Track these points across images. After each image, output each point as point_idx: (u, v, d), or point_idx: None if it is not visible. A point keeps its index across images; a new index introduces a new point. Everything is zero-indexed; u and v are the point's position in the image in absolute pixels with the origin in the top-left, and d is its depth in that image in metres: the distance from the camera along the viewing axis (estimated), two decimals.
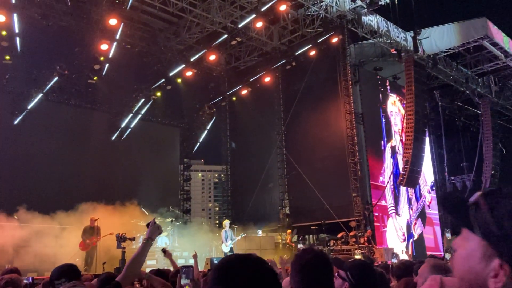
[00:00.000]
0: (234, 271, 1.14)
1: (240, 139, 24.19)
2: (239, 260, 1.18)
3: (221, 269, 1.16)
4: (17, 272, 4.91)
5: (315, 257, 1.84)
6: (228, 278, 1.13)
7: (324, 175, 19.16)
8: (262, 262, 1.18)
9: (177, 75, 20.56)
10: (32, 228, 13.01)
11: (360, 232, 17.01)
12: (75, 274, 3.50)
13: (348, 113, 18.59)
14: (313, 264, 1.81)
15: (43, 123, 18.29)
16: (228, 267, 1.16)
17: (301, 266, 1.81)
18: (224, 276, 1.14)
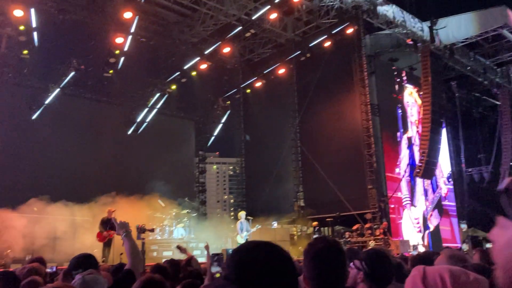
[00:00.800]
0: (250, 256, 1.14)
1: (254, 131, 24.18)
2: (254, 245, 1.19)
3: (237, 253, 1.17)
4: (41, 261, 5.01)
5: (328, 246, 1.84)
6: (244, 263, 1.14)
7: (339, 167, 19.07)
8: (278, 248, 1.19)
9: (192, 68, 20.64)
10: (51, 219, 13.25)
11: (376, 224, 16.93)
12: (92, 264, 3.57)
13: (364, 105, 18.43)
14: (326, 253, 1.80)
15: (61, 118, 18.52)
16: (244, 252, 1.17)
17: (314, 254, 1.81)
18: (239, 260, 1.15)
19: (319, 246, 1.84)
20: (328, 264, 1.78)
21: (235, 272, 1.12)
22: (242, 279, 1.10)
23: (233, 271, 1.13)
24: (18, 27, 15.51)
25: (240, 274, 1.11)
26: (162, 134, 22.10)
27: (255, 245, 1.19)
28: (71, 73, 17.50)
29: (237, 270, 1.12)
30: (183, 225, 17.05)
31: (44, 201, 13.86)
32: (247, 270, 1.11)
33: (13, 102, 17.56)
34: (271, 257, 1.15)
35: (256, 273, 1.10)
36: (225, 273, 1.14)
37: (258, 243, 1.20)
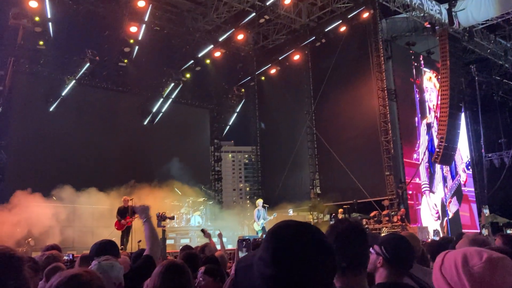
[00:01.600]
0: (289, 239, 1.09)
1: (269, 119, 24.10)
2: (294, 228, 1.13)
3: (274, 235, 1.12)
4: (57, 248, 5.07)
5: (350, 227, 1.81)
6: (279, 241, 1.09)
7: (356, 154, 18.90)
8: (319, 232, 1.13)
9: (206, 56, 20.60)
10: (69, 208, 13.44)
11: (393, 211, 16.79)
12: (114, 250, 3.57)
13: (380, 90, 18.17)
14: (348, 234, 1.77)
15: (77, 108, 18.73)
16: (282, 235, 1.11)
17: (336, 235, 1.78)
18: (275, 239, 1.10)
19: (342, 227, 1.80)
20: (351, 245, 1.75)
21: (272, 255, 1.07)
22: (278, 263, 1.06)
23: (270, 253, 1.08)
24: (33, 18, 15.61)
25: (276, 257, 1.06)
26: (177, 123, 22.18)
27: (294, 227, 1.13)
28: (86, 64, 17.60)
29: (275, 252, 1.07)
30: (200, 213, 17.17)
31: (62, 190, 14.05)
32: (285, 255, 1.06)
33: (31, 93, 17.78)
34: (310, 241, 1.09)
35: (292, 256, 1.06)
36: (260, 254, 1.10)
37: (298, 225, 1.14)
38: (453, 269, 1.31)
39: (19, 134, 17.16)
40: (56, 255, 4.38)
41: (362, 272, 1.75)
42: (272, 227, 1.15)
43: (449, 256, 1.37)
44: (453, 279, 1.30)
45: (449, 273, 1.32)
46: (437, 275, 1.36)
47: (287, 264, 1.04)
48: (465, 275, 1.28)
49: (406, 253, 2.37)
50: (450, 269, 1.32)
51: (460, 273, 1.29)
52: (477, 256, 1.30)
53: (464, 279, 1.27)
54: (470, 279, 1.26)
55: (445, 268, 1.34)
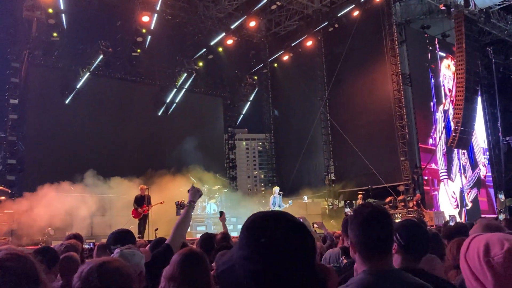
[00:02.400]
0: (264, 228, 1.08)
1: (282, 106, 24.03)
2: (265, 217, 1.13)
3: (250, 227, 1.11)
4: (79, 237, 5.16)
5: (375, 211, 1.82)
6: (259, 236, 1.07)
7: (370, 140, 18.79)
8: (289, 216, 1.13)
9: (218, 44, 20.55)
10: (86, 198, 13.65)
11: (409, 196, 16.71)
12: (130, 239, 3.64)
13: (395, 75, 17.96)
14: (374, 217, 1.79)
15: (92, 100, 18.91)
16: (257, 224, 1.11)
17: (362, 220, 1.79)
18: (254, 234, 1.09)
19: (367, 211, 1.81)
20: (377, 229, 1.76)
21: (254, 250, 1.06)
22: (262, 256, 1.05)
23: (252, 249, 1.06)
24: (47, 10, 15.72)
25: (260, 252, 1.05)
26: (191, 112, 22.27)
27: (266, 217, 1.12)
28: (100, 56, 17.64)
29: (256, 248, 1.06)
30: (215, 200, 17.29)
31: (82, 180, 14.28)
32: (267, 246, 1.05)
33: (46, 85, 17.97)
34: (286, 227, 1.09)
35: (277, 247, 1.05)
36: (241, 253, 1.08)
37: (269, 215, 1.13)
38: (476, 258, 1.28)
39: (36, 125, 17.43)
40: (74, 244, 4.47)
41: (388, 254, 1.77)
42: (245, 224, 1.12)
43: (474, 243, 1.33)
44: (476, 268, 1.27)
45: (472, 261, 1.29)
46: (462, 262, 1.33)
47: (273, 255, 1.04)
48: (486, 265, 1.24)
49: (421, 240, 2.37)
50: (473, 257, 1.29)
51: (482, 263, 1.25)
52: (499, 245, 1.26)
53: (486, 269, 1.24)
54: (491, 270, 1.23)
55: (469, 255, 1.31)
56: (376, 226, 1.77)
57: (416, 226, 2.47)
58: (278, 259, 1.04)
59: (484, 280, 1.24)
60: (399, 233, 2.37)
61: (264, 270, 1.03)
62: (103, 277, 1.83)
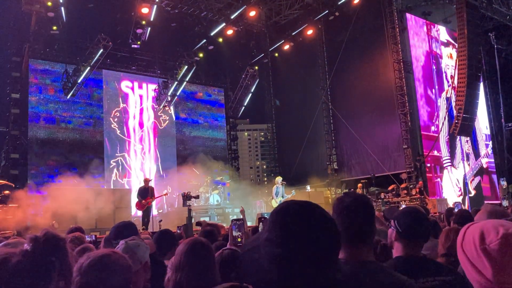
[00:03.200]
0: (293, 217, 1.11)
1: (284, 96, 23.98)
2: (298, 205, 1.15)
3: (279, 214, 1.14)
4: (80, 230, 5.20)
5: (355, 201, 1.82)
6: (286, 221, 1.11)
7: (373, 128, 18.76)
8: (321, 209, 1.15)
9: (218, 34, 20.45)
10: (89, 190, 13.71)
11: (412, 184, 16.72)
12: (133, 232, 3.66)
13: (396, 62, 17.88)
14: (353, 207, 1.79)
15: (94, 93, 18.93)
16: (286, 210, 1.14)
17: (342, 209, 1.80)
18: (281, 218, 1.12)
19: (347, 201, 1.82)
20: (356, 218, 1.76)
21: (279, 234, 1.09)
22: (286, 241, 1.07)
23: (277, 233, 1.09)
24: (46, 3, 15.68)
25: (283, 236, 1.08)
26: (192, 104, 22.27)
27: (297, 206, 1.15)
28: (100, 50, 17.54)
29: (281, 232, 1.09)
30: (218, 191, 17.35)
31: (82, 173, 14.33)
32: (291, 232, 1.08)
33: (47, 79, 17.97)
34: (315, 218, 1.12)
35: (300, 234, 1.07)
36: (267, 236, 1.10)
37: (301, 204, 1.16)
38: (472, 246, 1.27)
39: (38, 119, 17.47)
40: (79, 237, 4.50)
41: (367, 244, 1.76)
42: (276, 208, 1.16)
43: (469, 232, 1.32)
44: (473, 257, 1.26)
45: (469, 250, 1.28)
46: (459, 251, 1.32)
47: (295, 241, 1.06)
48: (482, 252, 1.23)
49: (419, 226, 2.37)
50: (470, 246, 1.28)
51: (478, 251, 1.24)
52: (494, 232, 1.24)
53: (483, 257, 1.22)
54: (488, 257, 1.21)
55: (465, 245, 1.30)
56: (356, 216, 1.77)
57: (414, 213, 2.47)
58: (299, 246, 1.06)
59: (482, 268, 1.23)
60: (397, 221, 2.38)
61: (286, 254, 1.05)
62: (103, 270, 1.85)
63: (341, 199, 1.88)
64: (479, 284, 1.25)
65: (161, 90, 19.96)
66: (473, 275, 1.26)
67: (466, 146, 20.29)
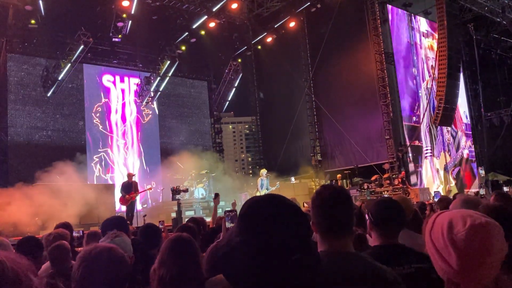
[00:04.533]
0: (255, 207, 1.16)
1: (267, 88, 24.00)
2: (260, 198, 1.20)
3: (245, 207, 1.18)
4: (68, 226, 5.17)
5: (334, 193, 1.86)
6: (250, 214, 1.15)
7: (355, 119, 18.93)
8: (282, 198, 1.19)
9: (200, 27, 20.32)
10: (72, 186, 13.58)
11: (394, 174, 16.94)
12: (124, 226, 3.70)
13: (378, 54, 18.02)
14: (332, 200, 1.82)
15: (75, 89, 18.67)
16: (251, 205, 1.18)
17: (320, 201, 1.83)
18: (247, 212, 1.16)
19: (325, 193, 1.85)
20: (334, 209, 1.80)
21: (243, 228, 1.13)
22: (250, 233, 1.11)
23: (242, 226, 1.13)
24: None
25: (247, 228, 1.12)
26: (175, 98, 22.16)
27: (262, 201, 1.19)
28: (81, 47, 17.24)
29: (244, 224, 1.13)
30: (203, 185, 17.35)
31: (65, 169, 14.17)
32: (253, 223, 1.12)
33: (26, 75, 17.66)
34: (281, 208, 1.15)
35: (262, 224, 1.11)
36: (240, 238, 1.13)
37: (265, 199, 1.20)
38: (440, 235, 1.30)
39: (18, 116, 17.20)
40: (62, 233, 4.49)
41: (346, 236, 1.79)
42: (241, 209, 1.18)
43: (438, 221, 1.35)
44: (441, 246, 1.29)
45: (436, 238, 1.31)
46: (427, 239, 1.35)
47: (259, 232, 1.09)
48: (449, 242, 1.26)
49: (389, 215, 2.42)
50: (437, 234, 1.31)
51: (446, 240, 1.27)
52: (461, 222, 1.27)
53: (449, 247, 1.26)
54: (454, 247, 1.25)
55: (434, 233, 1.33)
56: (335, 208, 1.80)
57: (386, 202, 2.53)
58: (263, 236, 1.09)
59: (448, 257, 1.27)
60: (370, 211, 2.44)
61: (260, 251, 1.08)
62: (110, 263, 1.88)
63: (319, 191, 1.91)
64: (443, 272, 1.30)
65: (143, 86, 19.78)
66: (439, 263, 1.30)
67: (447, 136, 20.63)
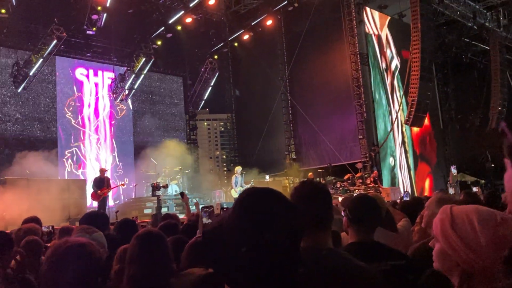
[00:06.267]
0: (255, 197, 1.16)
1: (243, 86, 23.97)
2: (259, 190, 1.20)
3: (242, 199, 1.18)
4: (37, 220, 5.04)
5: (313, 189, 1.87)
6: (249, 203, 1.15)
7: (330, 118, 19.13)
8: (281, 193, 1.20)
9: (177, 22, 20.08)
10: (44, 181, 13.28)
11: (367, 173, 17.21)
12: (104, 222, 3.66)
13: (353, 54, 18.24)
14: (311, 195, 1.84)
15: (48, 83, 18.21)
16: (250, 194, 1.18)
17: (299, 197, 1.84)
18: (245, 204, 1.16)
19: (304, 189, 1.87)
20: (313, 205, 1.81)
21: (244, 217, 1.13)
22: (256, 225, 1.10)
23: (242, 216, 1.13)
24: None
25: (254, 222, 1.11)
26: (150, 93, 21.89)
27: (260, 192, 1.20)
28: (54, 41, 16.78)
29: (247, 215, 1.13)
30: (177, 181, 17.22)
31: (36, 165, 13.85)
32: (261, 215, 1.12)
33: None
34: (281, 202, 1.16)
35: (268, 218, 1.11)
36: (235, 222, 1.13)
37: (263, 190, 1.21)
38: (468, 228, 1.34)
39: None
40: (32, 228, 4.38)
41: (325, 231, 1.81)
42: (239, 198, 1.19)
43: (460, 215, 1.40)
44: (470, 238, 1.33)
45: (465, 230, 1.35)
46: (448, 232, 1.38)
47: (263, 226, 1.09)
48: (483, 234, 1.31)
49: (367, 212, 2.45)
50: (465, 227, 1.35)
51: (479, 232, 1.32)
52: (491, 216, 1.35)
53: (482, 238, 1.31)
54: (489, 239, 1.30)
55: (458, 226, 1.37)
56: (314, 203, 1.81)
57: (363, 199, 2.57)
58: (267, 230, 1.09)
59: (479, 249, 1.32)
60: (348, 208, 2.47)
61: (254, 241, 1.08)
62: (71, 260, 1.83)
63: (298, 187, 1.92)
64: (469, 265, 1.34)
65: (117, 83, 19.43)
66: (466, 255, 1.34)
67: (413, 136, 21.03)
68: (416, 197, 7.47)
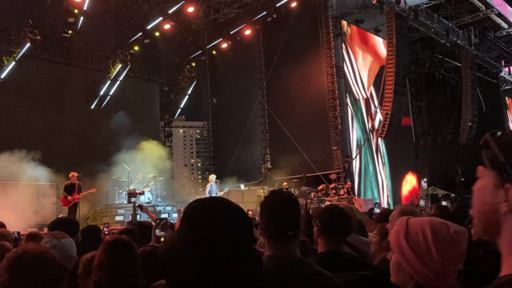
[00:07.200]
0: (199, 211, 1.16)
1: (221, 94, 23.98)
2: (205, 200, 1.21)
3: (188, 211, 1.18)
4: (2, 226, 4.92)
5: (282, 199, 1.89)
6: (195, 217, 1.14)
7: (306, 129, 19.29)
8: (226, 201, 1.20)
9: (155, 28, 19.99)
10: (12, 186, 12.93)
11: (340, 184, 17.38)
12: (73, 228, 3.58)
13: (329, 67, 18.50)
14: (280, 205, 1.85)
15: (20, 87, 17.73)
16: (194, 208, 1.18)
17: (268, 207, 1.86)
18: (191, 216, 1.15)
19: (273, 199, 1.88)
20: (281, 215, 1.82)
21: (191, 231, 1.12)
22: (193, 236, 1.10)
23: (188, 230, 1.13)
24: None
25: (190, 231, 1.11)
26: (126, 98, 21.59)
27: (201, 201, 1.20)
28: (27, 44, 16.40)
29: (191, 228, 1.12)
30: (150, 189, 17.01)
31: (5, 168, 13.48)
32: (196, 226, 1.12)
33: None
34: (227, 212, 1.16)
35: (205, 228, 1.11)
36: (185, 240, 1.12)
37: (204, 200, 1.21)
38: (421, 239, 1.37)
39: None
40: (4, 233, 4.27)
41: (293, 240, 1.82)
42: (184, 211, 1.19)
43: (414, 226, 1.42)
44: (421, 249, 1.36)
45: (417, 242, 1.38)
46: (402, 244, 1.40)
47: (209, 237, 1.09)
48: (434, 246, 1.34)
49: (337, 223, 2.49)
50: (418, 239, 1.38)
51: (430, 244, 1.35)
52: (444, 228, 1.38)
53: (433, 251, 1.34)
54: (439, 251, 1.34)
55: (411, 237, 1.39)
56: (283, 213, 1.82)
57: (333, 210, 2.60)
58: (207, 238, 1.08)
59: (429, 262, 1.35)
60: (318, 218, 2.50)
61: (203, 255, 1.07)
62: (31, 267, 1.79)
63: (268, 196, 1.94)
64: (420, 276, 1.36)
65: (92, 89, 19.10)
66: (417, 266, 1.36)
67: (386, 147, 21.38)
68: (386, 208, 7.59)
